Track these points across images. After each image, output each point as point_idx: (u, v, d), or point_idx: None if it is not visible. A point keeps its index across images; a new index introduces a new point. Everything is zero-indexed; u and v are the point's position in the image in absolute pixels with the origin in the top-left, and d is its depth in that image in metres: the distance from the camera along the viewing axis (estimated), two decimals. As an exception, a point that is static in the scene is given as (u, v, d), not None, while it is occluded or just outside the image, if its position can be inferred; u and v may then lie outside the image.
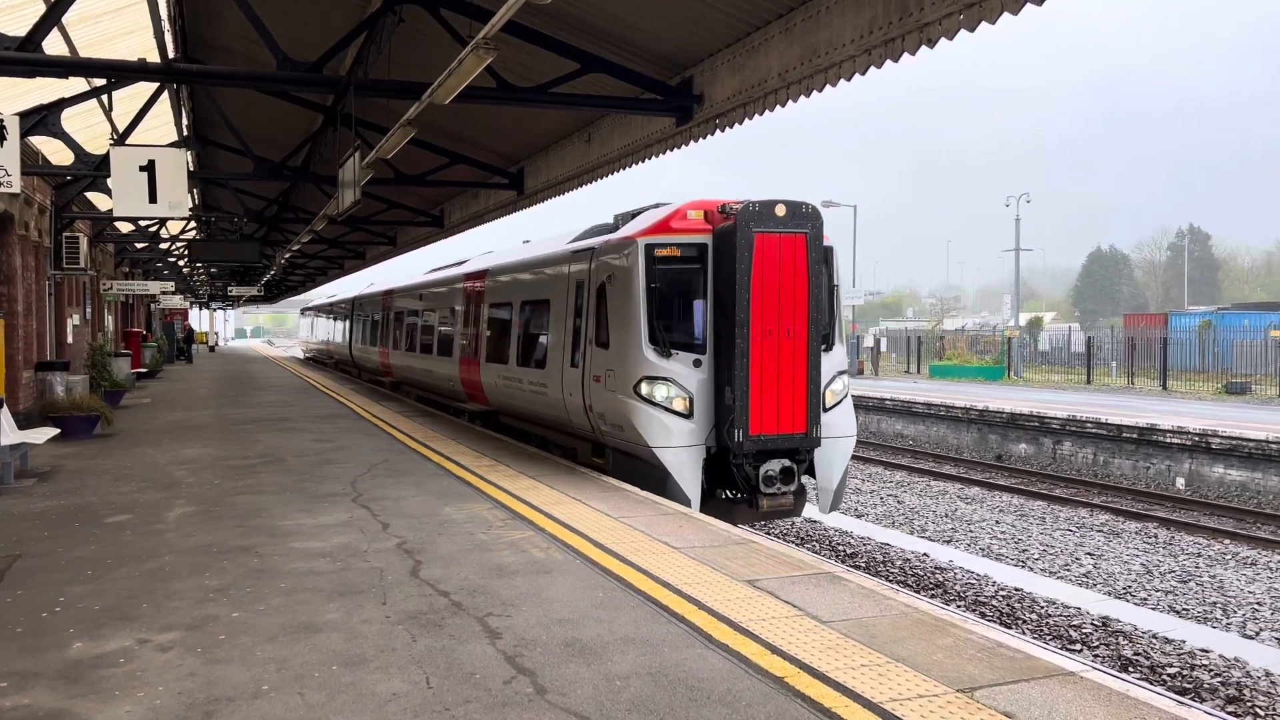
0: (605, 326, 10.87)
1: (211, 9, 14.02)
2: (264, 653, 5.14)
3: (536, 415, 13.73)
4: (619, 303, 10.62)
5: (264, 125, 19.55)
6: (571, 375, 11.78)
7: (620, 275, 10.63)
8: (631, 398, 10.23)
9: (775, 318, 9.82)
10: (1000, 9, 6.81)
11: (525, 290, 14.10)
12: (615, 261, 10.80)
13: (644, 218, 10.95)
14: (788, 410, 9.95)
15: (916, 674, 4.85)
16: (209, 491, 9.98)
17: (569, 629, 5.52)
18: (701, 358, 10.27)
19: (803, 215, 9.88)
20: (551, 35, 11.00)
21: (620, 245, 10.77)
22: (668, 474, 10.01)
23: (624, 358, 10.43)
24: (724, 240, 10.00)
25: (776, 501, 10.19)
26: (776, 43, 9.37)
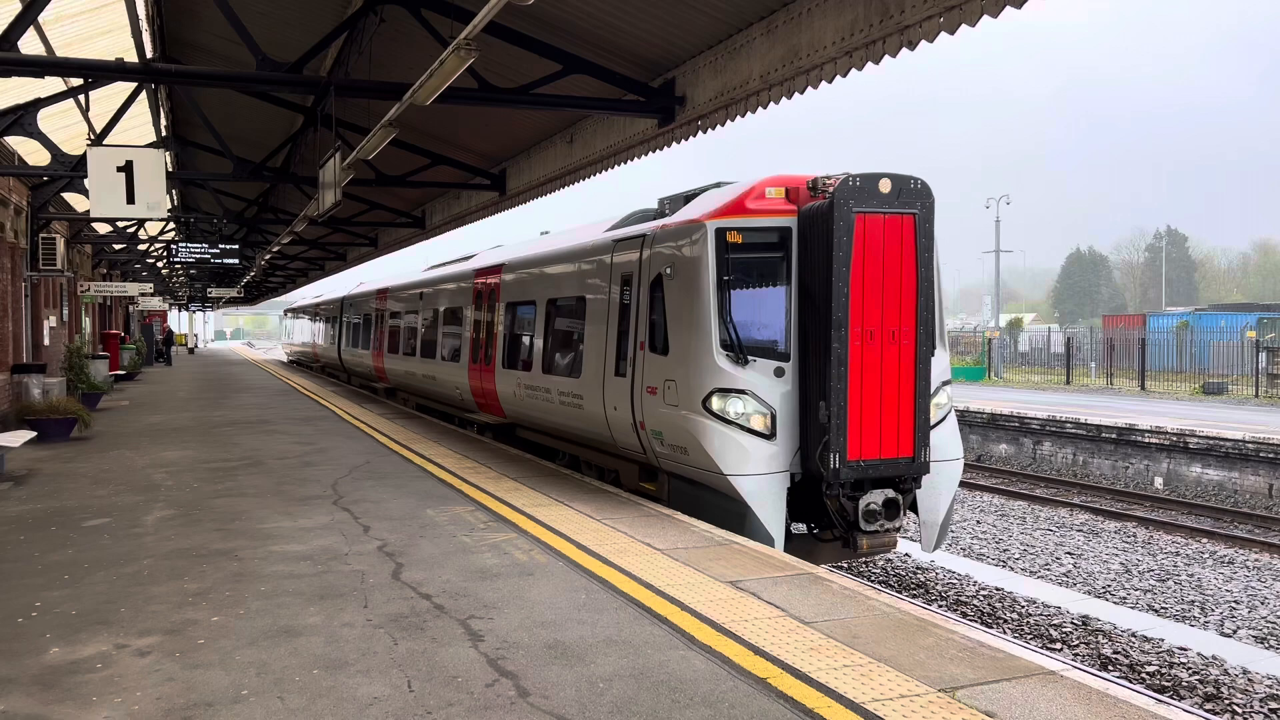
0: (663, 328, 9.35)
1: (190, 8, 13.92)
2: (244, 657, 5.11)
3: (567, 431, 11.99)
4: (682, 299, 9.08)
5: (244, 126, 19.43)
6: (616, 386, 10.21)
7: (684, 266, 9.06)
8: (699, 414, 8.68)
9: (878, 317, 8.28)
10: (980, 12, 6.85)
11: (553, 286, 12.43)
12: (677, 250, 9.21)
13: (708, 198, 9.43)
14: (891, 430, 8.37)
15: (899, 674, 4.86)
16: (188, 495, 9.89)
17: (551, 631, 5.50)
18: (784, 365, 8.71)
19: (911, 193, 8.29)
20: (533, 36, 10.98)
21: (683, 230, 9.16)
22: (746, 508, 8.45)
23: (689, 366, 8.87)
24: (812, 222, 8.47)
25: (879, 540, 8.57)
26: (758, 44, 9.40)
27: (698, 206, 9.39)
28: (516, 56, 11.76)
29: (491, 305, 14.91)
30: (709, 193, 9.67)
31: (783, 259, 8.78)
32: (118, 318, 40.82)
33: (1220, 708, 8.17)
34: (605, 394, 10.41)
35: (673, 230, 9.40)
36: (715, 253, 8.75)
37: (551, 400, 12.05)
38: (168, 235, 31.06)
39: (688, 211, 9.46)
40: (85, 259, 28.82)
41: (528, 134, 15.60)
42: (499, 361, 14.15)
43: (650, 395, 9.44)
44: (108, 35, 14.68)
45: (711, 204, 9.12)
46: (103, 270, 34.31)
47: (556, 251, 12.61)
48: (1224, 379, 32.69)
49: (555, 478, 10.90)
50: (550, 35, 11.04)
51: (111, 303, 38.29)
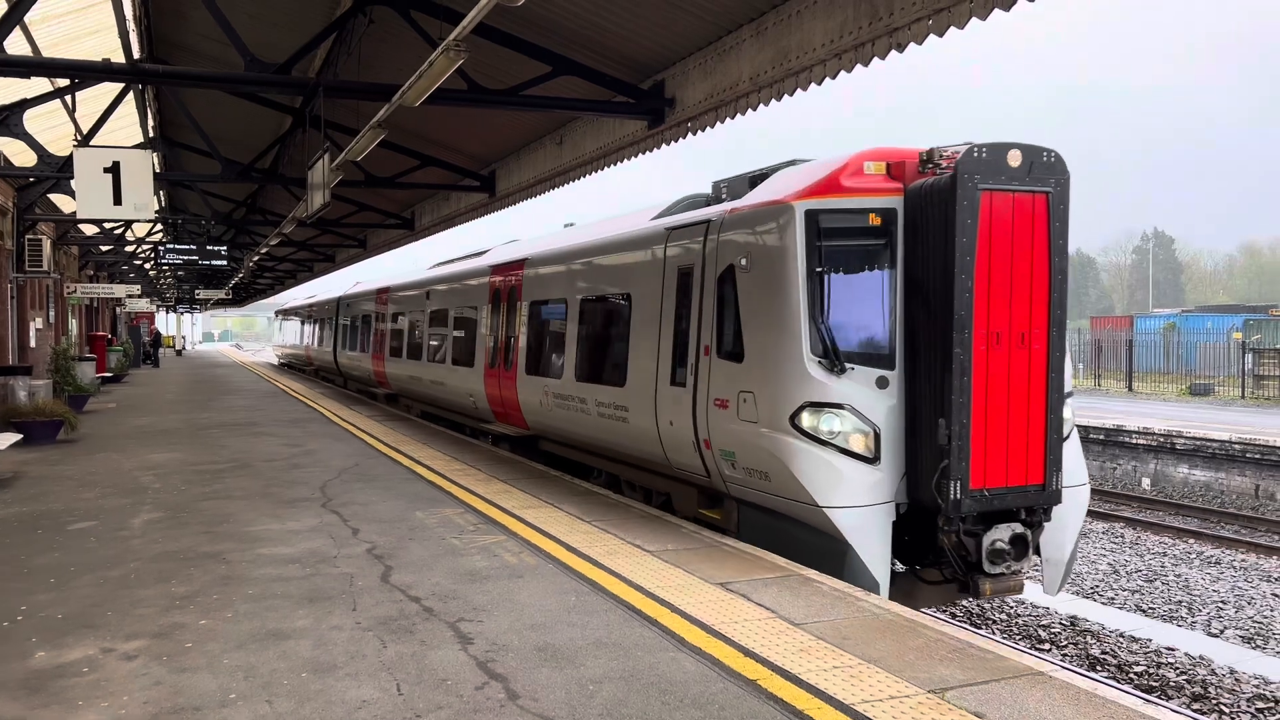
0: (735, 330, 8.08)
1: (177, 9, 13.87)
2: (231, 660, 5.08)
3: (607, 446, 10.66)
4: (762, 296, 7.77)
5: (232, 127, 19.35)
6: (671, 397, 8.97)
7: (764, 256, 7.74)
8: (785, 433, 7.41)
9: (1005, 317, 7.07)
10: (968, 14, 6.87)
11: (588, 283, 11.10)
12: (755, 238, 7.91)
13: (788, 176, 8.11)
14: (1020, 452, 7.16)
15: (888, 675, 4.87)
16: (175, 497, 9.84)
17: (541, 634, 5.49)
18: (888, 375, 7.40)
19: (1044, 167, 7.04)
20: (523, 38, 10.97)
21: (764, 214, 7.82)
22: (846, 546, 7.13)
23: (772, 375, 7.61)
24: (924, 203, 7.26)
25: (1004, 584, 7.33)
26: (748, 46, 9.41)
27: (777, 186, 8.04)
28: (506, 58, 11.74)
29: (511, 305, 13.60)
30: (785, 171, 8.41)
31: (885, 247, 7.48)
32: (105, 319, 40.60)
33: (1208, 708, 8.21)
34: (658, 406, 9.16)
35: (748, 214, 8.06)
36: (805, 240, 7.43)
37: (587, 412, 10.79)
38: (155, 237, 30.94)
39: (764, 192, 8.16)
40: (72, 260, 28.66)
41: (517, 135, 15.58)
42: (521, 367, 12.90)
43: (719, 409, 8.18)
44: (95, 35, 14.61)
45: (797, 182, 7.77)
46: (89, 272, 34.13)
47: (592, 244, 11.24)
48: (1211, 380, 32.90)
49: (545, 479, 10.88)
50: (540, 36, 11.04)
51: (98, 304, 38.10)
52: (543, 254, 12.83)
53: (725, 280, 8.29)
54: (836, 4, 8.08)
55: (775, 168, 8.76)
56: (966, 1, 6.85)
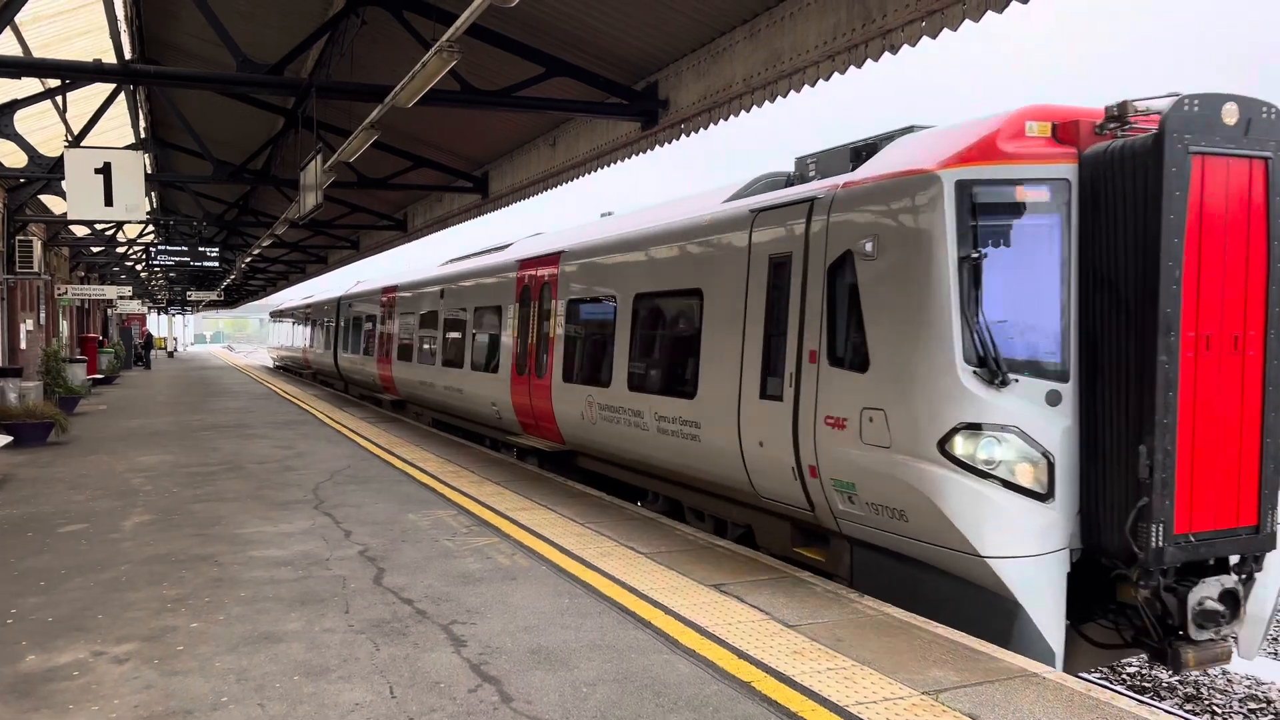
0: (857, 332, 6.65)
1: (169, 9, 13.82)
2: (223, 663, 5.05)
3: (668, 467, 9.32)
4: (897, 289, 6.37)
5: (224, 128, 19.30)
6: (762, 413, 7.56)
7: (900, 240, 6.37)
8: (932, 461, 6.02)
9: (1217, 315, 5.76)
10: (961, 16, 6.88)
11: (647, 276, 9.72)
12: (886, 217, 6.50)
13: (921, 142, 6.71)
14: (1230, 486, 5.85)
15: (882, 677, 4.87)
16: (167, 500, 9.80)
17: (535, 636, 5.48)
18: (1061, 388, 6.04)
19: (1264, 126, 5.77)
20: (516, 39, 10.95)
21: (898, 187, 6.45)
22: (1015, 606, 5.83)
23: (912, 388, 6.19)
24: (1108, 170, 5.93)
25: (1212, 652, 5.89)
26: (741, 48, 9.41)
27: (910, 154, 6.61)
28: (499, 59, 11.73)
29: (545, 303, 12.21)
30: (911, 138, 7.00)
31: (1056, 226, 6.12)
32: (96, 321, 40.45)
33: (1200, 708, 8.23)
34: (742, 423, 7.84)
35: (873, 189, 6.67)
36: (956, 218, 6.06)
37: (643, 426, 9.44)
38: (146, 238, 30.82)
39: (890, 161, 6.75)
40: (63, 261, 28.54)
41: (510, 137, 15.56)
42: (556, 373, 11.53)
43: (833, 430, 6.76)
44: (86, 36, 14.55)
45: (940, 148, 6.36)
46: (80, 273, 33.99)
47: (649, 232, 9.85)
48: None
49: (539, 481, 10.86)
50: (533, 38, 11.03)
51: (89, 306, 37.95)
52: (584, 245, 11.35)
53: (840, 270, 6.87)
54: (830, 5, 8.08)
55: (888, 136, 7.41)
56: (960, 3, 6.85)
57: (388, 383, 21.02)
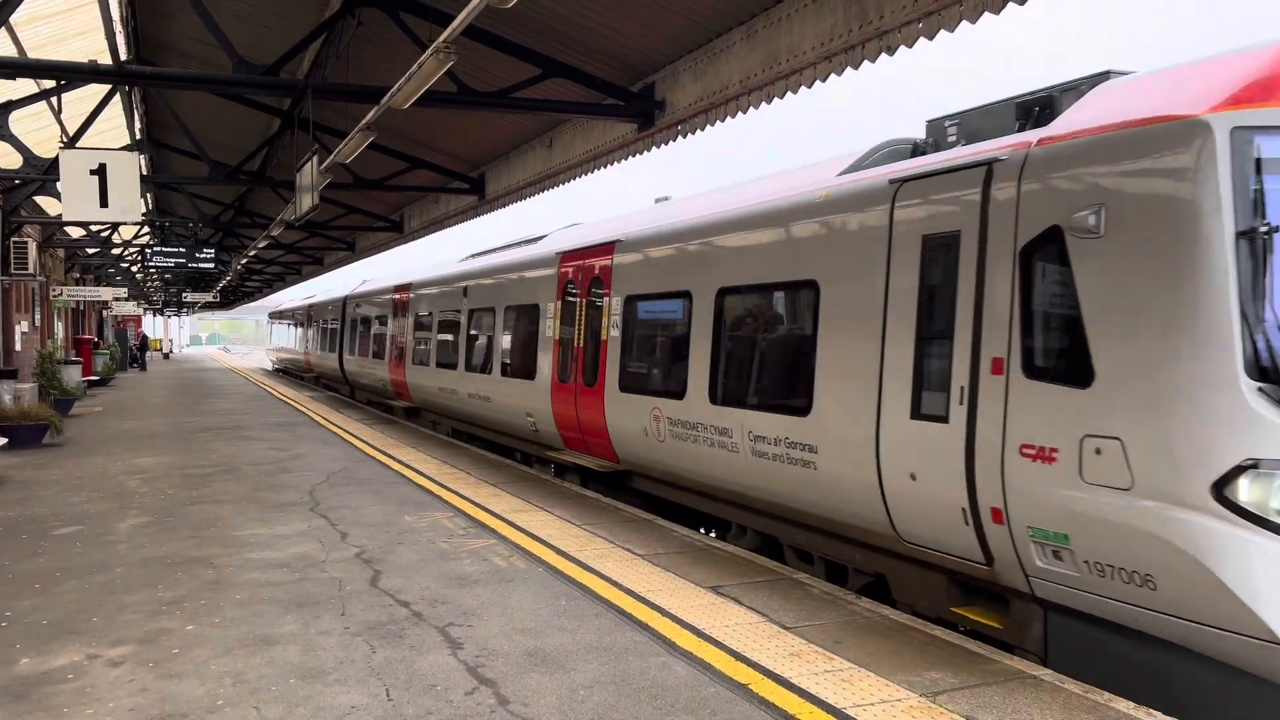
0: (1073, 332, 5.20)
1: (165, 10, 13.79)
2: (219, 666, 5.03)
3: (767, 498, 7.80)
4: (1140, 275, 4.89)
5: (219, 129, 19.27)
6: (916, 437, 6.11)
7: (1142, 210, 4.90)
8: (1202, 510, 4.57)
9: None
10: (959, 18, 6.88)
11: (735, 267, 8.23)
12: (1119, 179, 5.02)
13: (1156, 83, 5.24)
14: None
15: (879, 679, 4.86)
16: (162, 502, 9.77)
17: (531, 638, 5.46)
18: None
19: None
20: (513, 40, 10.94)
21: (1137, 140, 4.97)
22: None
23: (1168, 408, 4.73)
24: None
25: None
26: (738, 49, 9.40)
27: (1143, 95, 5.17)
28: (495, 60, 11.71)
29: (595, 300, 10.78)
30: (1129, 80, 5.57)
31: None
32: (91, 322, 40.37)
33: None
34: (883, 449, 6.36)
35: (1093, 144, 5.19)
36: (1233, 178, 4.61)
37: (732, 448, 7.95)
38: (142, 239, 30.76)
39: (1111, 106, 5.30)
40: (58, 263, 28.48)
41: (507, 138, 15.54)
42: (610, 382, 10.09)
43: (1034, 462, 5.26)
44: (81, 37, 14.52)
45: (1198, 85, 4.90)
46: (76, 274, 33.92)
47: (735, 215, 8.36)
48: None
49: (536, 483, 10.84)
50: (530, 38, 11.01)
51: (84, 307, 37.86)
52: (646, 233, 9.86)
53: (1040, 252, 5.39)
54: (826, 7, 8.07)
55: (1070, 86, 5.99)
56: (956, 5, 6.84)
57: (400, 388, 19.64)
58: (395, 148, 16.65)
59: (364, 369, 22.98)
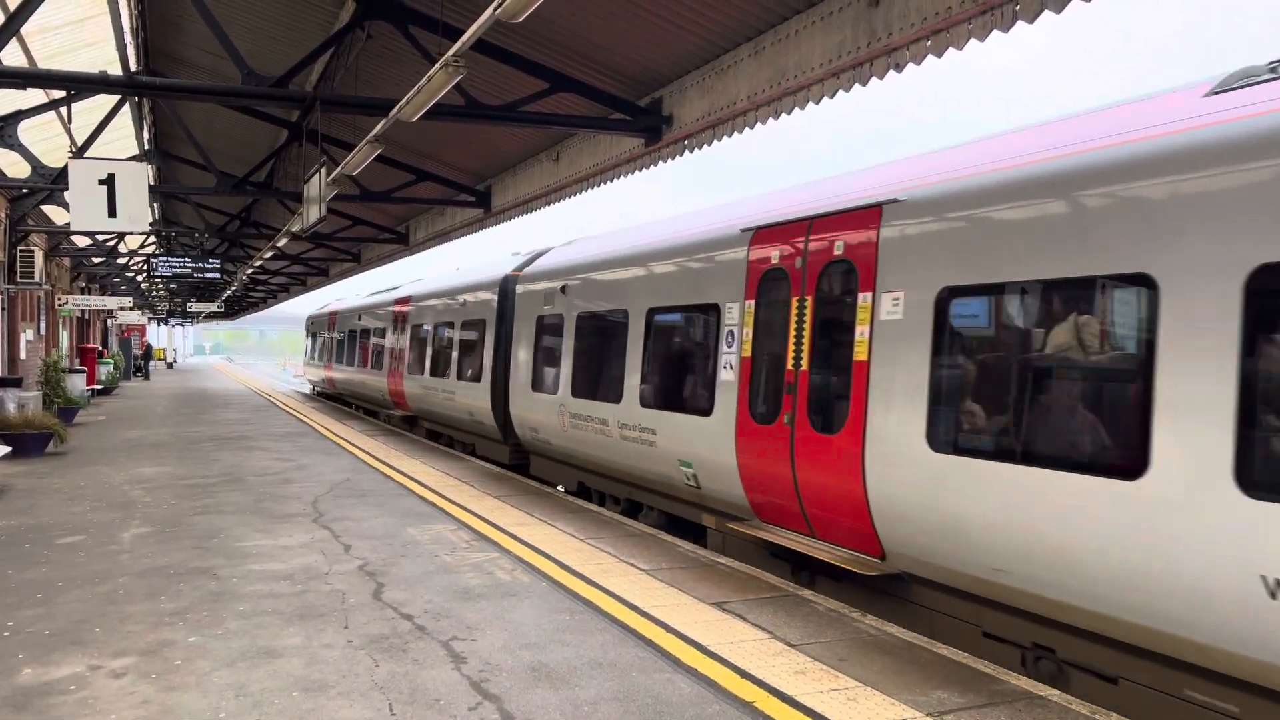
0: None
1: (175, 21, 13.88)
2: (221, 679, 5.01)
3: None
4: None
5: (227, 140, 19.35)
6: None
7: None
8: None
9: None
10: (967, 36, 6.90)
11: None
12: None
13: None
14: None
15: (886, 698, 4.82)
16: (165, 512, 9.75)
17: (535, 653, 5.43)
18: None
19: None
20: (521, 54, 10.98)
21: None
22: None
23: None
24: None
25: None
26: (746, 65, 9.43)
27: None
28: (503, 74, 11.76)
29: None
30: None
31: None
32: (95, 331, 40.43)
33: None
34: None
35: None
36: None
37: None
38: (148, 249, 30.83)
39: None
40: (63, 272, 28.55)
41: (513, 151, 15.59)
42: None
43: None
44: (91, 47, 14.60)
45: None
46: (81, 284, 34.01)
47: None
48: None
49: (539, 496, 10.80)
50: (538, 53, 11.05)
51: (89, 316, 37.93)
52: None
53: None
54: (835, 24, 8.10)
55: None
56: (965, 24, 6.87)
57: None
58: (402, 160, 16.70)
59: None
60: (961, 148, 6.78)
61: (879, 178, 7.22)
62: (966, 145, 6.77)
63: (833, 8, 8.08)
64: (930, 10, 7.00)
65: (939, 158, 6.87)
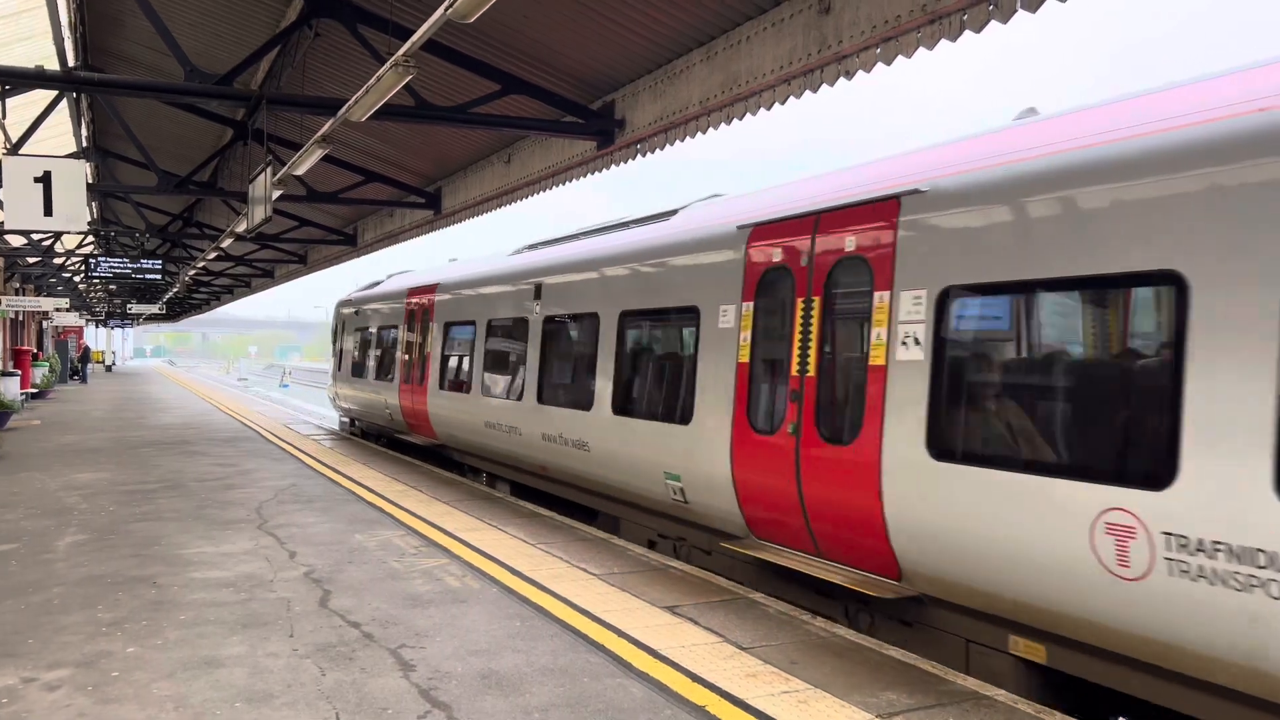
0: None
1: (115, 17, 13.55)
2: (161, 690, 4.87)
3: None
4: None
5: (169, 138, 18.93)
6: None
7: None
8: None
9: None
10: (916, 44, 6.99)
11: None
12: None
13: None
14: None
15: (836, 700, 4.85)
16: (103, 519, 9.49)
17: (485, 660, 5.38)
18: None
19: None
20: (472, 55, 10.90)
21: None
22: None
23: None
24: None
25: None
26: (698, 70, 9.46)
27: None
28: (455, 75, 11.66)
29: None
30: None
31: None
32: (30, 333, 39.30)
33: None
34: None
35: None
36: None
37: None
38: (86, 249, 30.06)
39: None
40: (-3, 272, 27.74)
41: (464, 153, 15.47)
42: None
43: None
44: (28, 41, 14.18)
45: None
46: (16, 284, 33.04)
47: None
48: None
49: (489, 501, 10.72)
50: (490, 54, 10.98)
51: (24, 318, 36.86)
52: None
53: None
54: (786, 31, 8.16)
55: None
56: (914, 33, 6.96)
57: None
58: (351, 161, 16.49)
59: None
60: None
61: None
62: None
63: (784, 14, 8.14)
64: (880, 19, 7.08)
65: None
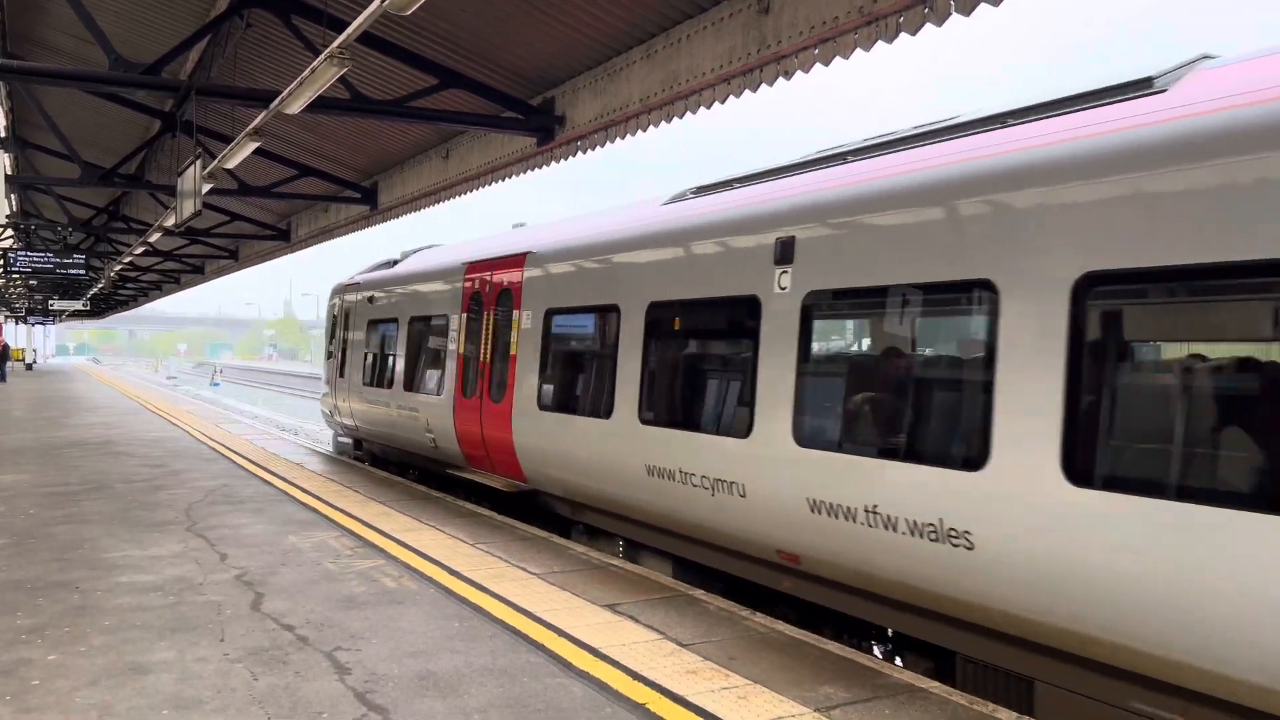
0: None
1: (37, 3, 13.08)
2: (84, 698, 4.71)
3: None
4: None
5: (93, 129, 18.35)
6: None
7: None
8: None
9: None
10: (853, 46, 7.07)
11: None
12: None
13: None
14: None
15: (775, 695, 4.89)
16: (23, 522, 9.16)
17: (423, 661, 5.30)
18: None
19: None
20: (410, 49, 10.76)
21: None
22: None
23: None
24: None
25: None
26: (638, 68, 9.45)
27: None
28: (392, 68, 11.50)
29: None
30: None
31: None
32: (-55, 330, 37.80)
33: None
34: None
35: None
36: None
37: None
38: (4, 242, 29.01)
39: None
40: (-91, 266, 26.59)
41: (402, 148, 15.27)
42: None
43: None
44: (-59, 26, 13.65)
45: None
46: (-71, 279, 31.77)
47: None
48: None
49: (427, 501, 10.60)
50: (428, 48, 10.85)
51: (-62, 314, 35.45)
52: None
53: None
54: (725, 30, 8.19)
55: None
56: (851, 34, 7.04)
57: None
58: (284, 155, 16.17)
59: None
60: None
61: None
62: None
63: (724, 14, 8.17)
64: (818, 19, 7.15)
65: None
